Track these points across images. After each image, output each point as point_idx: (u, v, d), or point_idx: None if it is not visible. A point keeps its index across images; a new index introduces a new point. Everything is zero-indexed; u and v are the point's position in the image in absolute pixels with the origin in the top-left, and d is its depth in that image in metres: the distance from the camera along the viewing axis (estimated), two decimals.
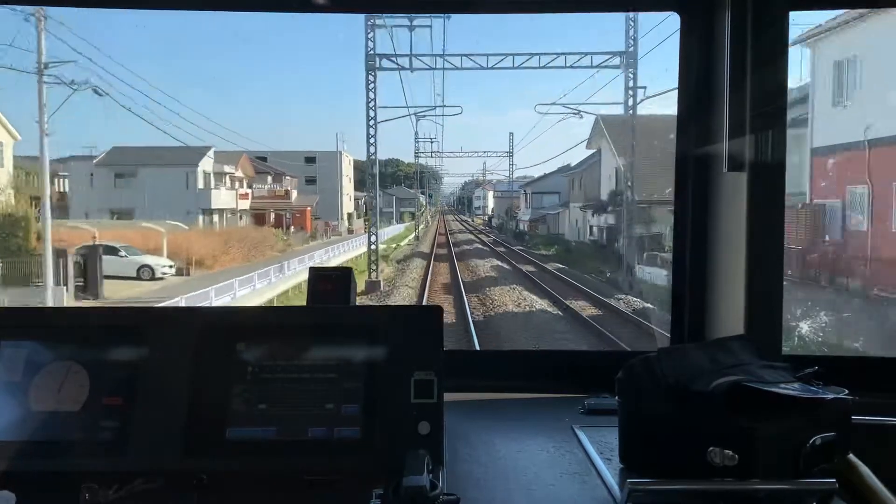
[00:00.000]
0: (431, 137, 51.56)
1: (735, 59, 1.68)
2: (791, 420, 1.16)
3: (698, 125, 1.83)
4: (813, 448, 1.15)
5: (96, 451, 1.26)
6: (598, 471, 1.34)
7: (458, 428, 1.53)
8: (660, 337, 11.57)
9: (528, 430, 1.57)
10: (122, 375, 1.33)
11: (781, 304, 1.70)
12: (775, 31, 1.68)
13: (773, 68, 1.68)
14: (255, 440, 1.27)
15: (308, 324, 1.42)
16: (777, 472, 1.15)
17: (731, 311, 1.74)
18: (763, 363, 1.30)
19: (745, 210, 1.67)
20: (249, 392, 1.31)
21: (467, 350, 10.08)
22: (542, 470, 1.35)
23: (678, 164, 1.89)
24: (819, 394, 1.19)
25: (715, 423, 1.16)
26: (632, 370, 1.31)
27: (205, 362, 1.34)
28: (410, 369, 1.32)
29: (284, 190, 52.01)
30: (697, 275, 1.87)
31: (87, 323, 1.43)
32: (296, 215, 49.87)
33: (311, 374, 1.33)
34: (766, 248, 1.68)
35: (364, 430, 1.28)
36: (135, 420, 1.29)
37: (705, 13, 1.79)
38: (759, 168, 1.67)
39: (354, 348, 1.36)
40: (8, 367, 1.33)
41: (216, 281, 20.30)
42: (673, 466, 1.19)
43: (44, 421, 1.29)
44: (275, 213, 48.01)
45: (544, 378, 1.90)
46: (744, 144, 1.68)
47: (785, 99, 1.69)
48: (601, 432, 1.50)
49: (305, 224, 49.20)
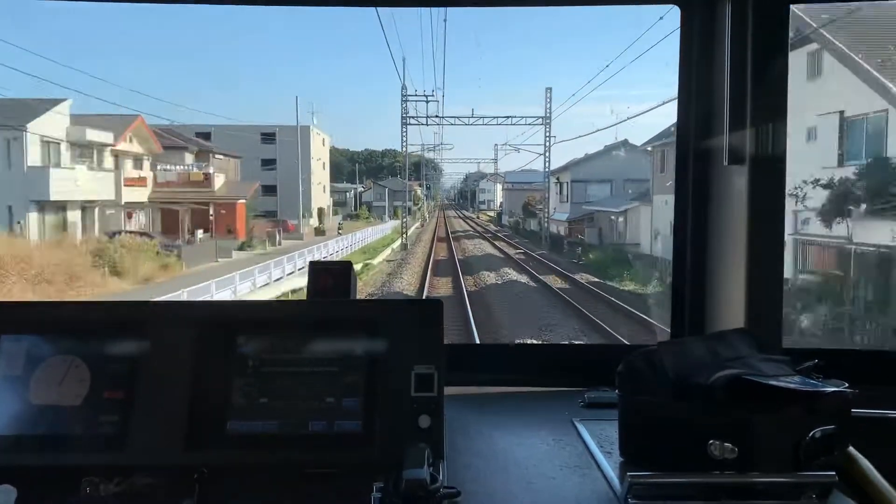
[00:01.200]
0: (426, 94, 33.48)
1: (735, 53, 1.68)
2: (791, 413, 1.16)
3: (698, 119, 1.83)
4: (813, 441, 1.15)
5: (97, 444, 1.26)
6: (599, 464, 1.34)
7: (459, 421, 1.53)
8: (661, 331, 11.57)
9: (528, 423, 1.58)
10: (122, 369, 1.33)
11: (782, 298, 1.70)
12: (776, 25, 1.68)
13: (773, 62, 1.68)
14: (255, 434, 1.28)
15: (309, 317, 1.42)
16: (777, 465, 1.15)
17: (732, 304, 1.74)
18: (763, 356, 1.30)
19: (746, 203, 1.67)
20: (250, 386, 1.31)
21: (468, 344, 10.10)
22: (543, 463, 1.36)
23: (678, 158, 1.88)
24: (819, 387, 1.20)
25: (715, 417, 1.17)
26: (632, 364, 1.31)
27: (205, 356, 1.34)
28: (411, 363, 1.32)
29: (203, 174, 32.95)
30: (698, 268, 1.87)
31: (87, 317, 1.43)
32: (221, 212, 32.79)
33: (311, 367, 1.33)
34: (766, 242, 1.68)
35: (365, 424, 1.28)
36: (135, 414, 1.29)
37: (706, 6, 1.79)
38: (759, 161, 1.67)
39: (355, 342, 1.36)
40: (9, 361, 1.33)
41: None
42: (673, 459, 1.19)
43: (44, 415, 1.29)
44: (193, 209, 31.28)
45: (544, 372, 1.90)
46: (744, 138, 1.68)
47: (785, 92, 1.69)
48: (601, 425, 1.50)
49: (235, 225, 32.65)
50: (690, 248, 1.88)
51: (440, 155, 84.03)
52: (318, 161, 47.66)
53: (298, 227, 38.32)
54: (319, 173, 48.05)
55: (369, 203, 70.59)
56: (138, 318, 1.41)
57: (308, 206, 42.02)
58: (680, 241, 1.90)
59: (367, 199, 73.04)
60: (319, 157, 48.24)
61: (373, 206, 68.43)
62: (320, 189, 48.67)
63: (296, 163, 39.72)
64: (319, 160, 48.02)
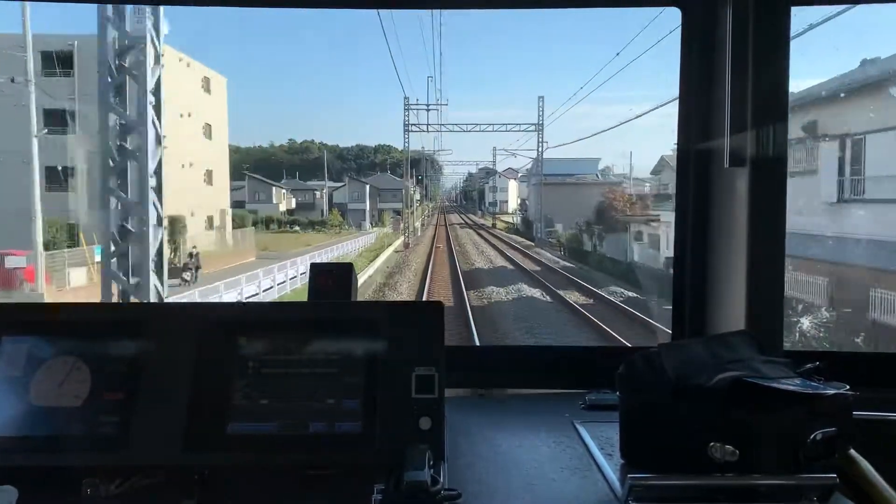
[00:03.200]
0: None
1: (736, 54, 1.68)
2: (792, 415, 1.16)
3: (699, 121, 1.83)
4: (814, 443, 1.15)
5: (97, 446, 1.27)
6: (599, 466, 1.34)
7: (460, 423, 1.53)
8: (661, 332, 11.55)
9: (529, 425, 1.58)
10: (123, 370, 1.33)
11: (783, 300, 1.70)
12: (777, 26, 1.68)
13: (774, 63, 1.68)
14: (256, 435, 1.28)
15: (309, 319, 1.42)
16: (778, 467, 1.15)
17: (732, 306, 1.74)
18: (764, 358, 1.30)
19: (747, 205, 1.67)
20: (250, 387, 1.31)
21: (468, 345, 10.10)
22: (543, 465, 1.35)
23: (679, 160, 1.88)
24: (820, 389, 1.19)
25: (716, 419, 1.17)
26: (633, 365, 1.31)
27: (206, 357, 1.34)
28: (411, 364, 1.32)
29: None
30: (699, 270, 1.87)
31: (88, 318, 1.43)
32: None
33: (312, 368, 1.33)
34: (767, 244, 1.68)
35: (365, 425, 1.28)
36: (136, 415, 1.29)
37: (706, 7, 1.79)
38: (760, 163, 1.67)
39: (355, 343, 1.36)
40: (9, 363, 1.33)
41: None
42: (674, 461, 1.19)
43: (45, 416, 1.29)
44: None
45: (545, 373, 1.90)
46: (745, 140, 1.68)
47: (786, 94, 1.69)
48: (602, 427, 1.50)
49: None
50: (691, 249, 1.88)
51: (440, 152, 74.60)
52: (189, 120, 25.46)
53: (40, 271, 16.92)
54: (190, 144, 25.52)
55: (343, 206, 52.01)
56: (139, 319, 1.41)
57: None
58: (681, 243, 1.90)
59: (339, 200, 53.48)
60: (192, 110, 26.10)
61: (348, 210, 50.43)
62: (199, 178, 26.71)
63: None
64: (191, 117, 25.76)
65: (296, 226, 43.68)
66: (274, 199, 48.76)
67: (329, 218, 45.93)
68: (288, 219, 45.86)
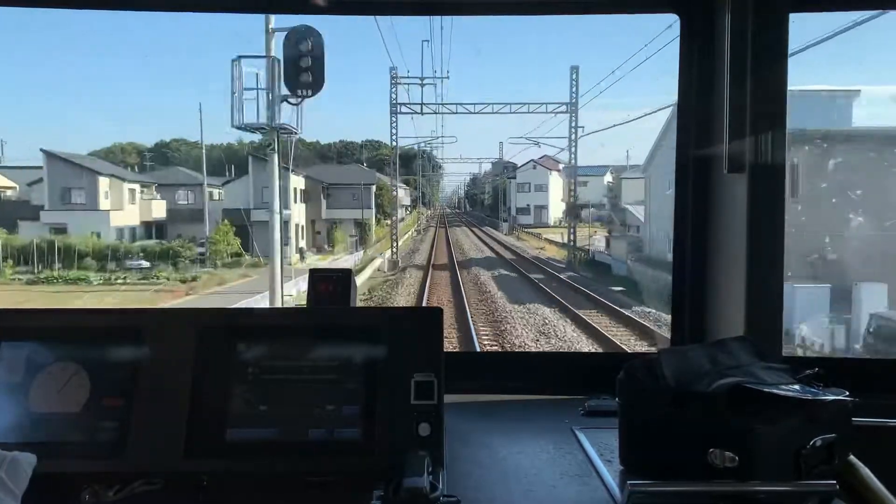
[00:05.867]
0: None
1: (735, 61, 1.68)
2: (791, 422, 1.16)
3: (698, 127, 1.84)
4: (813, 449, 1.15)
5: (97, 452, 1.26)
6: (599, 472, 1.33)
7: (459, 429, 1.53)
8: (660, 338, 11.54)
9: (528, 431, 1.57)
10: (122, 376, 1.33)
11: (782, 306, 1.70)
12: (775, 33, 1.68)
13: (773, 70, 1.68)
14: (255, 441, 1.27)
15: (309, 325, 1.43)
16: (777, 473, 1.15)
17: (732, 312, 1.73)
18: (763, 364, 1.30)
19: (746, 211, 1.67)
20: (250, 393, 1.31)
21: (467, 352, 10.09)
22: (543, 471, 1.35)
23: (678, 166, 1.89)
24: (819, 395, 1.19)
25: (715, 425, 1.16)
26: (632, 371, 1.31)
27: (205, 363, 1.34)
28: (411, 371, 1.32)
29: None
30: (698, 276, 1.87)
31: (87, 324, 1.43)
32: None
33: (311, 375, 1.33)
34: (766, 250, 1.68)
35: (364, 432, 1.28)
36: (135, 421, 1.29)
37: (705, 15, 1.80)
38: (759, 169, 1.67)
39: (355, 349, 1.36)
40: (9, 368, 1.33)
41: None
42: (673, 468, 1.19)
43: (44, 422, 1.29)
44: None
45: (544, 379, 1.90)
46: (744, 146, 1.68)
47: (785, 101, 1.69)
48: (601, 434, 1.50)
49: None
50: (690, 255, 1.88)
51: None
52: None
53: None
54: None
55: (242, 212, 25.16)
56: (138, 324, 1.41)
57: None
58: (680, 249, 1.91)
59: (237, 205, 26.92)
60: None
61: (252, 223, 22.96)
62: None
63: None
64: None
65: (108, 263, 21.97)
66: (100, 202, 26.71)
67: (213, 237, 24.73)
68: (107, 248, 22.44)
